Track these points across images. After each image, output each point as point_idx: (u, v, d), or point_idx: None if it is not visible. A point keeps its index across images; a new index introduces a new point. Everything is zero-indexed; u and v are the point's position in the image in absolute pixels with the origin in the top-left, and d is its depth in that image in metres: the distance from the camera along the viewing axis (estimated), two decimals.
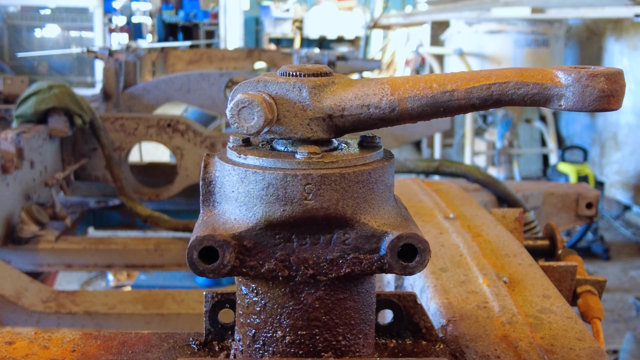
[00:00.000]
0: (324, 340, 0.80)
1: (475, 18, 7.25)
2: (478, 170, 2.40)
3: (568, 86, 0.72)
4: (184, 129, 3.06)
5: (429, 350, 0.96)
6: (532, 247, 1.47)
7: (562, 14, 6.80)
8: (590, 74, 0.71)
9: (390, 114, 0.77)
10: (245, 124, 0.75)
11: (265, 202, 0.74)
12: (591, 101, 0.71)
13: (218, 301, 0.95)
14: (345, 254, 0.77)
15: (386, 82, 0.78)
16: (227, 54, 5.31)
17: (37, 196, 2.70)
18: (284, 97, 0.77)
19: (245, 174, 0.75)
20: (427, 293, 1.14)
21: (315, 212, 0.74)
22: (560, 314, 1.06)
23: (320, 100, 0.77)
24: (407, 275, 0.79)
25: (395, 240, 0.75)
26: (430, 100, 0.76)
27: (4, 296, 2.21)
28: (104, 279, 5.38)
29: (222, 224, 0.77)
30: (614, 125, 7.62)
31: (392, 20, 10.20)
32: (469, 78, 0.75)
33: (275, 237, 0.76)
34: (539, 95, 0.73)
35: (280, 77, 0.79)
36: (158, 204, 3.22)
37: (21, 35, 11.19)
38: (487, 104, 0.76)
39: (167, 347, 0.96)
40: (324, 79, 0.79)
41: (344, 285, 0.79)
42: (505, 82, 0.74)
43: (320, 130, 0.78)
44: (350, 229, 0.76)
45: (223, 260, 0.75)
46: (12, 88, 3.22)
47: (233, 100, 0.75)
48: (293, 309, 0.79)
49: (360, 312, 0.82)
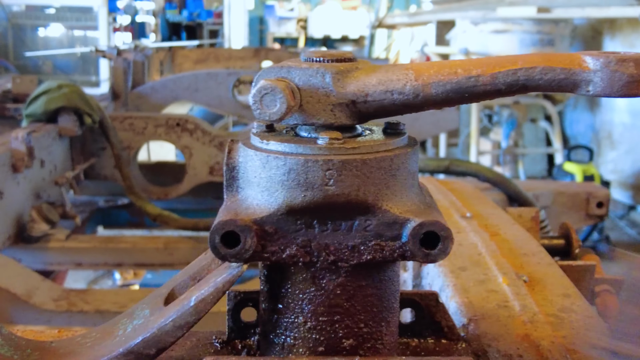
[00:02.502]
0: (346, 327, 0.80)
1: (481, 17, 7.24)
2: (488, 169, 2.40)
3: (596, 71, 0.71)
4: (193, 128, 3.06)
5: (451, 349, 0.96)
6: (547, 246, 1.46)
7: (567, 13, 6.79)
8: (619, 59, 0.69)
9: (414, 100, 0.76)
10: (268, 111, 0.74)
11: (287, 188, 0.74)
12: (620, 87, 0.70)
13: (241, 299, 0.94)
14: (366, 241, 0.76)
15: (410, 67, 0.77)
16: (234, 54, 5.31)
17: (47, 195, 2.71)
18: (307, 83, 0.77)
19: (267, 159, 0.75)
20: (447, 292, 1.14)
21: (336, 197, 0.74)
22: (581, 313, 1.06)
23: (344, 86, 0.77)
24: (430, 263, 0.78)
25: (417, 228, 0.74)
26: (455, 85, 0.75)
27: (15, 295, 2.21)
28: (111, 278, 5.39)
29: (244, 209, 0.77)
30: (608, 124, 7.61)
31: (397, 20, 10.19)
32: (495, 63, 0.74)
33: (297, 223, 0.76)
34: (566, 81, 0.72)
35: (304, 62, 0.79)
36: (167, 203, 3.22)
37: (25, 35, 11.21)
38: (513, 89, 0.74)
39: (190, 345, 0.96)
40: (347, 65, 0.78)
41: (365, 272, 0.79)
42: (532, 67, 0.73)
43: (344, 116, 0.78)
44: (372, 215, 0.75)
45: (245, 245, 0.75)
46: (22, 87, 3.22)
47: (256, 87, 0.75)
48: (314, 295, 0.79)
49: (382, 300, 0.81)
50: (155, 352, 0.79)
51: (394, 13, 10.89)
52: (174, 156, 5.38)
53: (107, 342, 0.82)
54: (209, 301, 0.78)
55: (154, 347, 0.78)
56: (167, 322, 0.78)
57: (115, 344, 0.81)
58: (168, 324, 0.78)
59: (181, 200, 3.26)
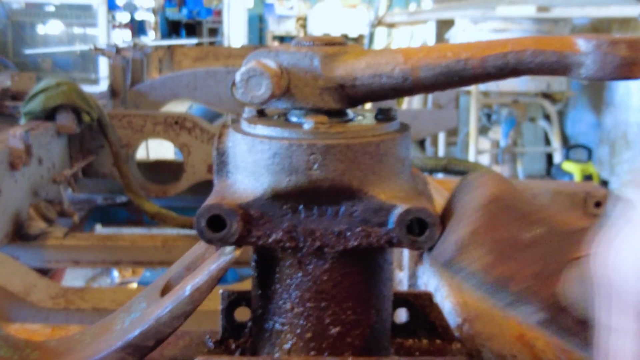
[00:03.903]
0: (333, 313, 0.80)
1: (480, 16, 7.24)
2: (487, 168, 2.40)
3: (588, 54, 0.69)
4: (191, 126, 3.06)
5: (445, 350, 0.96)
6: None
7: (567, 12, 6.79)
8: (611, 41, 0.68)
9: (403, 84, 0.76)
10: (251, 93, 0.75)
11: (272, 172, 0.75)
12: (612, 69, 0.68)
13: (234, 299, 0.95)
14: (352, 227, 0.76)
15: (399, 51, 0.76)
16: (233, 52, 5.31)
17: (45, 193, 2.71)
18: (295, 67, 0.77)
19: (253, 143, 0.76)
20: (442, 292, 1.14)
21: (321, 182, 0.74)
22: None
23: (332, 69, 0.76)
24: (416, 250, 0.79)
25: (403, 214, 0.74)
26: (444, 69, 0.74)
27: (12, 292, 2.21)
28: (109, 276, 5.39)
29: (231, 193, 0.78)
30: (623, 124, 7.60)
31: (396, 18, 10.19)
32: (485, 47, 0.73)
33: (282, 208, 0.76)
34: (557, 64, 0.71)
35: (293, 46, 0.79)
36: (165, 201, 3.22)
37: (25, 32, 11.21)
38: (503, 72, 0.73)
39: (183, 344, 0.96)
40: (336, 48, 0.78)
41: (353, 258, 0.79)
42: (523, 50, 0.71)
43: (332, 100, 0.77)
44: (358, 201, 0.75)
45: (230, 229, 0.75)
46: (20, 85, 3.22)
47: (245, 66, 0.75)
48: (301, 280, 0.79)
49: (371, 287, 0.81)
50: (154, 344, 0.79)
51: (393, 11, 10.89)
52: (172, 154, 5.38)
53: (105, 337, 0.83)
54: (204, 289, 0.78)
55: (152, 338, 0.79)
56: (163, 313, 0.78)
57: (113, 338, 0.81)
58: (165, 315, 0.78)
59: (180, 198, 3.26)
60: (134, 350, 0.79)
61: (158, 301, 0.82)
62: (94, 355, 0.80)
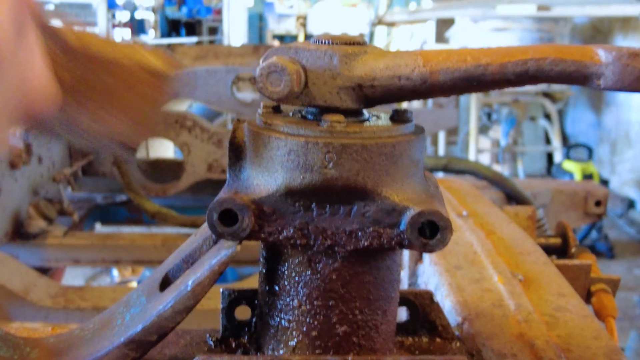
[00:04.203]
0: (340, 312, 0.80)
1: (481, 15, 7.24)
2: (486, 167, 2.40)
3: (608, 65, 0.69)
4: (191, 125, 3.06)
5: (445, 348, 0.96)
6: (544, 245, 1.46)
7: (567, 11, 6.79)
8: (631, 53, 0.68)
9: (421, 86, 0.76)
10: (270, 88, 0.74)
11: (286, 169, 0.74)
12: (631, 81, 0.69)
13: (235, 298, 0.94)
14: (364, 227, 0.76)
15: (419, 54, 0.76)
16: (233, 51, 5.30)
17: (44, 192, 2.71)
18: (314, 65, 0.77)
19: (269, 139, 0.75)
20: (442, 291, 1.14)
21: (335, 181, 0.74)
22: (576, 312, 1.06)
23: (351, 69, 0.76)
24: (428, 253, 0.78)
25: (416, 216, 0.73)
26: (463, 73, 0.74)
27: (12, 291, 2.21)
28: (109, 275, 5.39)
29: (244, 188, 0.77)
30: (625, 123, 7.60)
31: (396, 17, 10.18)
32: (505, 53, 0.73)
33: (295, 205, 0.76)
34: (577, 73, 0.71)
35: (313, 44, 0.79)
36: (165, 200, 3.22)
37: None
38: (522, 79, 0.73)
39: (183, 343, 0.96)
40: (355, 48, 0.78)
41: (363, 258, 0.79)
42: (543, 58, 0.71)
43: (350, 99, 0.77)
44: (371, 201, 0.75)
45: (242, 224, 0.75)
46: None
47: (266, 61, 0.75)
48: (310, 278, 0.79)
49: (379, 288, 0.81)
50: (156, 339, 0.79)
51: (393, 10, 10.88)
52: (172, 153, 5.38)
53: (106, 333, 0.83)
54: (205, 284, 0.78)
55: (155, 333, 0.79)
56: (166, 308, 0.78)
57: (115, 334, 0.81)
58: (167, 310, 0.78)
59: (179, 197, 3.25)
60: (137, 346, 0.79)
61: (158, 296, 0.82)
62: (96, 352, 0.80)
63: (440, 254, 1.26)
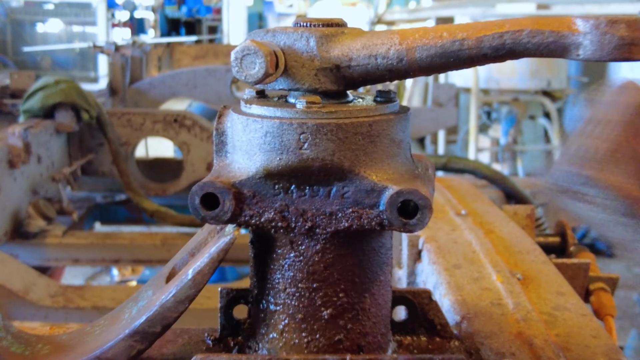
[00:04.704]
0: (324, 295, 0.80)
1: (480, 14, 7.24)
2: (486, 166, 2.40)
3: (586, 34, 0.67)
4: (191, 125, 3.06)
5: (443, 347, 0.95)
6: (543, 244, 1.46)
7: (567, 10, 6.79)
8: (610, 21, 0.66)
9: (398, 65, 0.75)
10: (245, 71, 0.74)
11: (264, 151, 0.75)
12: (610, 50, 0.66)
13: (233, 297, 0.94)
14: (344, 208, 0.75)
15: (396, 32, 0.76)
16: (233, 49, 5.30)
17: (44, 191, 2.70)
18: (292, 47, 0.77)
19: (247, 122, 0.76)
20: (441, 289, 1.14)
21: (311, 162, 0.74)
22: (574, 311, 1.06)
23: (328, 50, 0.76)
24: (407, 233, 0.78)
25: (394, 195, 0.73)
26: (440, 49, 0.73)
27: (12, 291, 2.21)
28: (109, 274, 5.39)
29: (227, 172, 0.78)
30: None
31: (396, 16, 10.18)
32: (482, 27, 0.72)
33: (275, 187, 0.76)
34: (555, 44, 0.69)
35: (290, 27, 0.79)
36: (164, 199, 3.22)
37: (24, 30, 11.20)
38: (499, 53, 0.72)
39: (182, 342, 0.96)
40: (332, 29, 0.77)
41: (346, 240, 0.78)
42: (519, 30, 0.70)
43: (328, 81, 0.77)
44: (350, 182, 0.75)
45: (223, 207, 0.75)
46: (19, 83, 3.22)
47: (240, 45, 0.74)
48: (293, 261, 0.79)
49: (365, 270, 0.80)
50: (160, 329, 0.79)
51: (393, 9, 10.88)
52: (172, 152, 5.38)
53: (114, 327, 0.83)
54: (205, 272, 0.78)
55: (158, 324, 0.79)
56: (168, 298, 0.79)
57: (121, 327, 0.81)
58: (169, 300, 0.78)
59: (179, 196, 3.25)
60: (142, 337, 0.79)
61: (163, 288, 0.82)
62: (103, 345, 0.80)
63: (439, 253, 1.26)
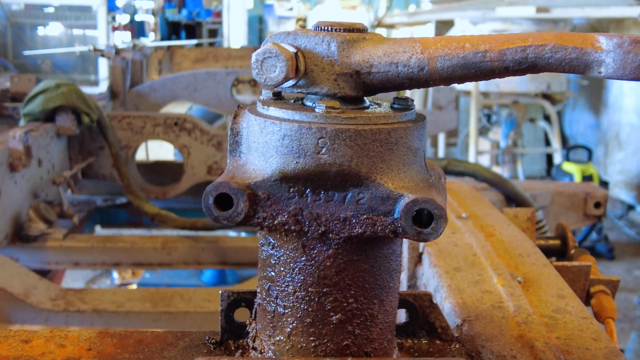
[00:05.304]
0: (334, 300, 0.79)
1: (480, 17, 7.24)
2: (486, 169, 2.40)
3: (609, 52, 0.67)
4: (191, 128, 3.06)
5: (444, 350, 0.96)
6: (543, 247, 1.46)
7: (567, 13, 6.79)
8: (633, 40, 0.66)
9: (419, 74, 0.74)
10: (265, 74, 0.74)
11: (281, 154, 0.75)
12: (633, 69, 0.67)
13: (234, 300, 0.94)
14: (358, 214, 0.75)
15: (418, 40, 0.75)
16: (233, 53, 5.31)
17: (44, 194, 2.71)
18: (312, 51, 0.77)
19: (265, 124, 0.76)
20: (442, 292, 1.14)
21: (329, 167, 0.73)
22: (575, 314, 1.06)
23: (349, 55, 0.76)
24: (421, 242, 0.77)
25: (410, 204, 0.73)
26: (462, 60, 0.72)
27: (12, 294, 2.21)
28: (109, 277, 5.39)
29: (241, 173, 0.77)
30: (616, 124, 7.61)
31: (396, 19, 10.19)
32: (505, 40, 0.72)
33: (290, 190, 0.76)
34: (577, 61, 0.69)
35: (312, 30, 0.78)
36: (165, 202, 3.22)
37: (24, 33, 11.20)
38: (521, 67, 0.71)
39: (183, 345, 0.96)
40: (354, 35, 0.77)
41: (358, 246, 0.78)
42: (543, 44, 0.70)
43: (348, 86, 0.77)
44: (366, 188, 0.74)
45: (237, 208, 0.75)
46: (20, 86, 3.22)
47: (262, 47, 0.74)
48: (304, 265, 0.79)
49: (376, 277, 0.80)
50: None
51: (393, 12, 10.89)
52: (172, 155, 5.38)
53: None
54: None
55: None
56: None
57: None
58: None
59: (179, 199, 3.26)
60: None
61: None
62: None
63: (440, 256, 1.26)
